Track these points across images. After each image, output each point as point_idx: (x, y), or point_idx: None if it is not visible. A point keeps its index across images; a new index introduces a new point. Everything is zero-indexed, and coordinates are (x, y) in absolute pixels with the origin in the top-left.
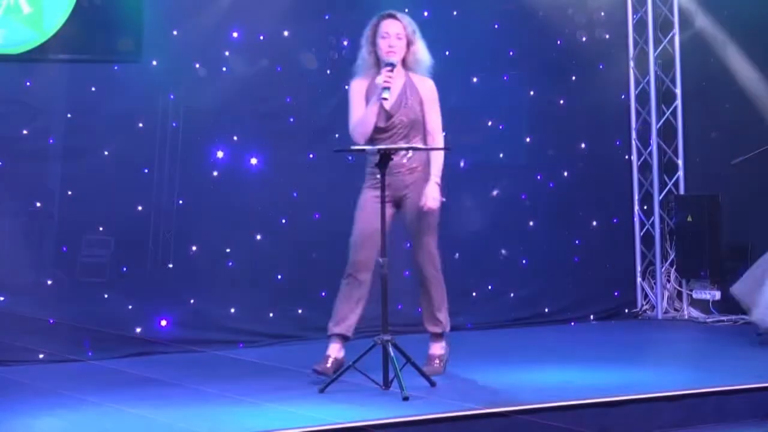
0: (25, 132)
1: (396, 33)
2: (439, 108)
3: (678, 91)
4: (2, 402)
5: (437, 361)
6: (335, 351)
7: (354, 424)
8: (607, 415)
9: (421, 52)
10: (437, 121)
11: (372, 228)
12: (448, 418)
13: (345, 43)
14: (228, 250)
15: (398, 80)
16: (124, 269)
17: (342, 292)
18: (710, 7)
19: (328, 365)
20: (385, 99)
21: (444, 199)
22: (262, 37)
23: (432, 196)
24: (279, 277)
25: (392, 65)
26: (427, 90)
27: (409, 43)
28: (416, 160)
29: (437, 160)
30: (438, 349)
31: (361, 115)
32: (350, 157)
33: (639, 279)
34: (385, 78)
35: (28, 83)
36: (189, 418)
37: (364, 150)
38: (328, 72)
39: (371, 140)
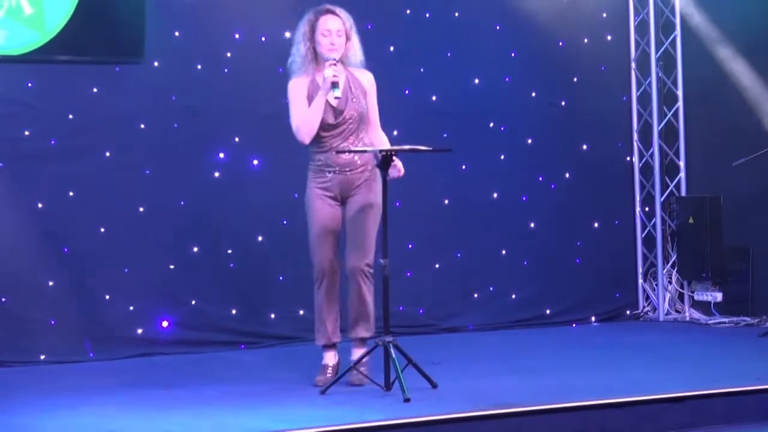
0: (26, 133)
1: (337, 30)
2: None
3: (679, 92)
4: (3, 403)
5: (364, 368)
6: (331, 359)
7: (355, 426)
8: (609, 416)
9: (358, 46)
10: (377, 112)
11: (331, 229)
12: (450, 420)
13: None
14: (229, 251)
15: (341, 75)
16: (126, 270)
17: (320, 301)
18: (713, 16)
19: (329, 375)
20: (338, 98)
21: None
22: (263, 39)
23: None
24: (280, 278)
25: (336, 60)
26: (369, 82)
27: (347, 39)
28: (364, 158)
29: (385, 143)
30: (361, 353)
31: (307, 113)
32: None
33: (640, 280)
34: (333, 73)
35: (29, 84)
36: (190, 419)
37: (365, 151)
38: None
39: (319, 138)
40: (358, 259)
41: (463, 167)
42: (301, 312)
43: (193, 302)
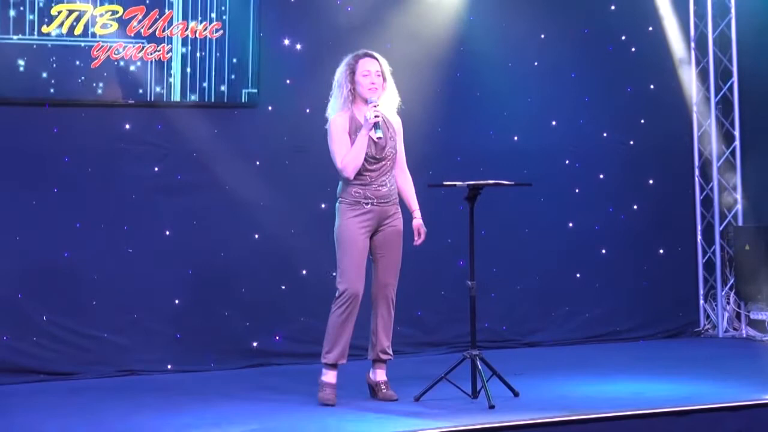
0: (156, 169)
1: (376, 71)
2: None
3: (736, 133)
4: (136, 405)
5: (388, 386)
6: (335, 378)
7: (447, 429)
8: (674, 423)
9: (393, 89)
10: (404, 153)
11: (365, 257)
12: (530, 425)
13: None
14: (334, 274)
15: (380, 117)
16: (243, 290)
17: (346, 323)
18: None
19: (334, 394)
20: (380, 138)
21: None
22: None
23: (425, 231)
24: None
25: (376, 103)
26: (399, 125)
27: (384, 81)
28: (395, 191)
29: (413, 193)
30: (385, 374)
31: (353, 151)
32: (442, 191)
33: (702, 301)
34: (375, 114)
35: (159, 126)
36: (300, 421)
37: (455, 185)
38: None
39: (362, 172)
40: (392, 282)
41: (542, 200)
42: (398, 328)
43: (302, 319)
